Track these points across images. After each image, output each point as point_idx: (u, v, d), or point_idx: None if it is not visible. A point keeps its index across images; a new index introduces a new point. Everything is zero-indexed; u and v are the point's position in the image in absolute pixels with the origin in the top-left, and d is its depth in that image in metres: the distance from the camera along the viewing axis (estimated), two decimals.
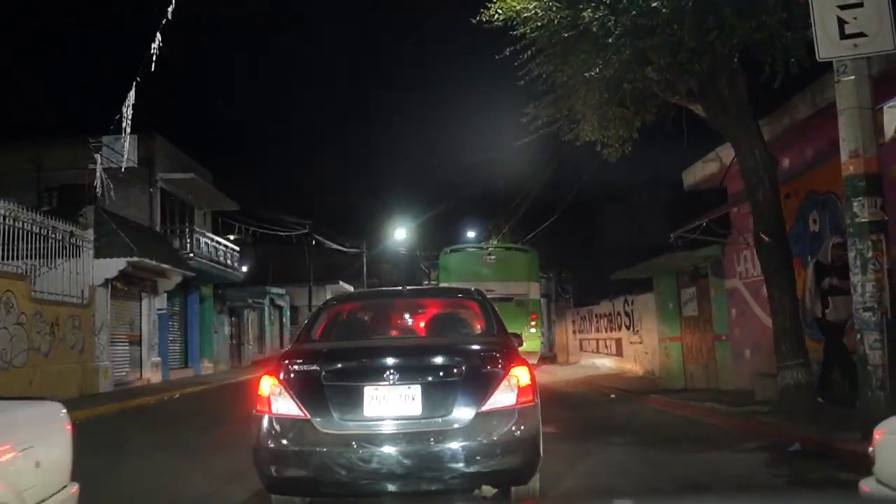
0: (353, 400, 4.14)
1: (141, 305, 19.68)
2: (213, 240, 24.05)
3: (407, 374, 4.18)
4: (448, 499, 4.19)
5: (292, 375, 4.26)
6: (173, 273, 19.85)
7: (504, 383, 4.18)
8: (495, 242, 21.72)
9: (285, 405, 4.18)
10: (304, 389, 4.18)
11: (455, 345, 4.65)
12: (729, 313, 12.23)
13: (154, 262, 17.92)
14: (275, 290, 34.72)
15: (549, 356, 23.63)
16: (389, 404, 4.13)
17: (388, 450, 4.03)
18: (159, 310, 20.41)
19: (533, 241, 21.97)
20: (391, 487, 4.08)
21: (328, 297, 46.77)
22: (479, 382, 4.17)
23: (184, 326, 23.50)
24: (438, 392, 4.15)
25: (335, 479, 4.06)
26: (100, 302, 16.89)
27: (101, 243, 16.84)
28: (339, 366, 4.36)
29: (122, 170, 19.11)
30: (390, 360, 4.24)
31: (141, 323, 19.64)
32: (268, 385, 4.28)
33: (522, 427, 4.15)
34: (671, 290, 14.70)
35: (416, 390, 4.13)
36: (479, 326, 5.23)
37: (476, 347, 4.63)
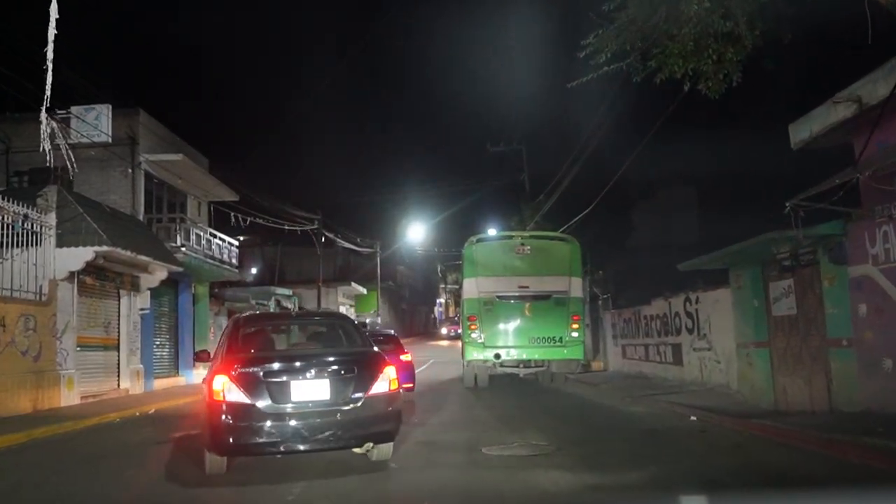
0: (284, 390, 6.38)
1: (119, 304, 16.99)
2: (207, 232, 21.41)
3: (320, 372, 6.57)
4: (343, 451, 6.88)
5: (239, 375, 6.36)
6: (157, 267, 17.22)
7: (381, 377, 6.73)
8: (529, 232, 18.80)
9: (236, 395, 6.27)
10: (248, 384, 6.32)
11: (350, 353, 7.22)
12: (854, 310, 9.30)
13: (130, 253, 15.25)
14: (280, 290, 32.12)
15: (583, 363, 20.62)
16: (308, 392, 6.45)
17: (309, 422, 6.36)
18: (142, 310, 17.71)
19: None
20: (310, 445, 6.42)
21: (339, 299, 43.81)
22: (366, 377, 6.66)
23: (174, 329, 20.86)
24: (341, 383, 6.55)
25: (273, 442, 6.32)
26: (63, 299, 14.24)
27: (65, 230, 14.19)
28: (274, 367, 6.56)
29: (94, 144, 16.65)
30: (309, 363, 6.67)
31: (119, 325, 16.95)
32: (220, 382, 6.33)
33: (392, 405, 6.81)
34: (756, 284, 11.80)
35: (325, 383, 6.52)
36: (357, 341, 7.55)
37: (363, 354, 7.14)
